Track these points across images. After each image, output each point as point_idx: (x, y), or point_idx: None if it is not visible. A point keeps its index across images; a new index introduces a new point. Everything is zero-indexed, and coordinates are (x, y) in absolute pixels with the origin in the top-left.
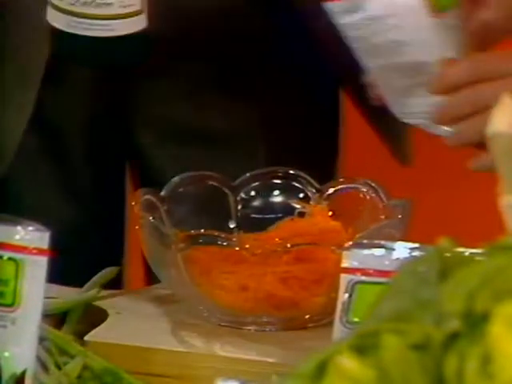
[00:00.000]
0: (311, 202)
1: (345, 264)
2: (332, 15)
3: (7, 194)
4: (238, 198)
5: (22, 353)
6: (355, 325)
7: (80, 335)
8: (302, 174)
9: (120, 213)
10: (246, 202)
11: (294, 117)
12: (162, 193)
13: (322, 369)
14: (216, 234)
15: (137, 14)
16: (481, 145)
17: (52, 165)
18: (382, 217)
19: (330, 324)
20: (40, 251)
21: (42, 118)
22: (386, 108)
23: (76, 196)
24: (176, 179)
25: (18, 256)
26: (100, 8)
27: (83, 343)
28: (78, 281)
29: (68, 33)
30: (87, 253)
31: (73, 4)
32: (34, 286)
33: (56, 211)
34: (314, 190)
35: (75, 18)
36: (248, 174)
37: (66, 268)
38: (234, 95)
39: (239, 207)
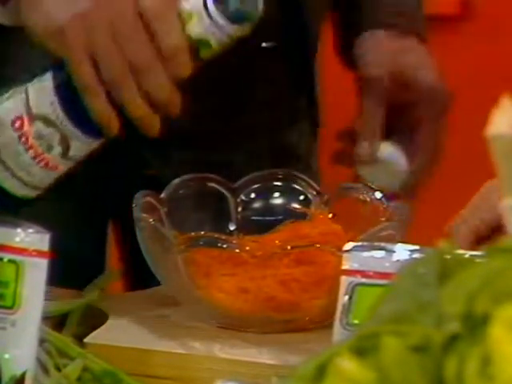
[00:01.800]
0: (311, 205)
1: (345, 266)
2: None
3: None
4: (238, 200)
5: (22, 355)
6: (355, 327)
7: (80, 337)
8: (302, 176)
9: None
10: (246, 204)
11: (295, 120)
12: (162, 195)
13: (321, 371)
14: (216, 236)
15: None
16: None
17: None
18: (382, 219)
19: (330, 326)
20: (40, 253)
21: None
22: None
23: (77, 198)
24: (176, 181)
25: (18, 258)
26: None
27: (83, 345)
28: (78, 283)
29: None
30: (87, 255)
31: None
32: (34, 288)
33: (57, 213)
34: (314, 193)
35: None
36: (248, 176)
37: (66, 270)
38: (234, 98)
39: (239, 209)
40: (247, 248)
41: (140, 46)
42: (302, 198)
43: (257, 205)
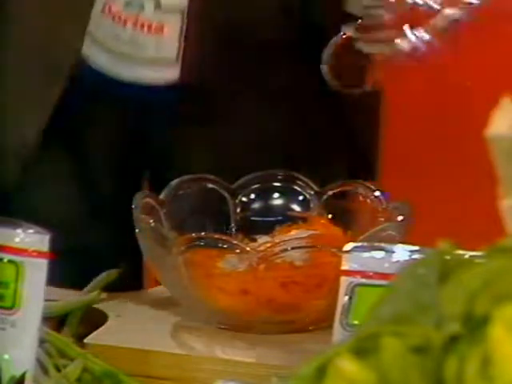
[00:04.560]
0: (310, 205)
1: (345, 266)
2: None
3: (11, 195)
4: (238, 201)
5: (22, 355)
6: (355, 327)
7: (80, 338)
8: (301, 176)
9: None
10: (246, 205)
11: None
12: (162, 196)
13: (322, 371)
14: (216, 236)
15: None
16: None
17: (63, 164)
18: (382, 219)
19: (331, 327)
20: (40, 254)
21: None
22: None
23: (78, 198)
24: (175, 182)
25: (18, 258)
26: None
27: (83, 346)
28: (78, 283)
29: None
30: (87, 255)
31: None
32: (34, 289)
33: (57, 213)
34: (313, 193)
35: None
36: (247, 177)
37: (66, 270)
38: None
39: (238, 210)
40: (248, 249)
41: None
42: (301, 198)
43: (256, 205)
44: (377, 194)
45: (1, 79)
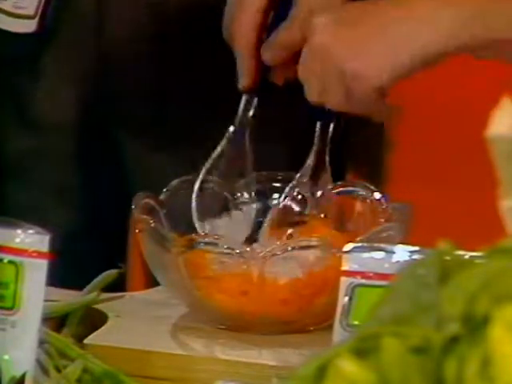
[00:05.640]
0: (309, 206)
1: (345, 267)
2: None
3: (3, 196)
4: (237, 201)
5: (22, 356)
6: (355, 328)
7: (80, 338)
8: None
9: (120, 215)
10: None
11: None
12: (161, 196)
13: (322, 371)
14: (216, 237)
15: (28, 18)
16: None
17: (47, 165)
18: (382, 220)
19: (331, 327)
20: (40, 254)
21: (34, 118)
22: None
23: (74, 198)
24: (175, 182)
25: (17, 259)
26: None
27: (83, 346)
28: (77, 284)
29: None
30: (86, 255)
31: None
32: (34, 289)
33: (54, 213)
34: (312, 193)
35: None
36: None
37: (65, 271)
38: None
39: None
40: (247, 249)
41: None
42: (299, 198)
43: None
44: (377, 194)
45: None
